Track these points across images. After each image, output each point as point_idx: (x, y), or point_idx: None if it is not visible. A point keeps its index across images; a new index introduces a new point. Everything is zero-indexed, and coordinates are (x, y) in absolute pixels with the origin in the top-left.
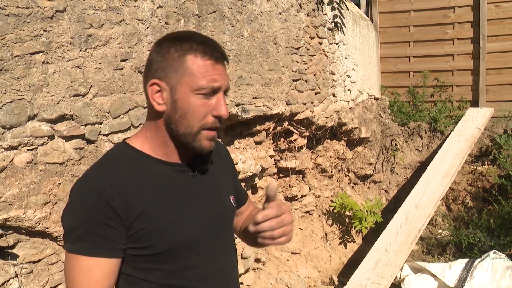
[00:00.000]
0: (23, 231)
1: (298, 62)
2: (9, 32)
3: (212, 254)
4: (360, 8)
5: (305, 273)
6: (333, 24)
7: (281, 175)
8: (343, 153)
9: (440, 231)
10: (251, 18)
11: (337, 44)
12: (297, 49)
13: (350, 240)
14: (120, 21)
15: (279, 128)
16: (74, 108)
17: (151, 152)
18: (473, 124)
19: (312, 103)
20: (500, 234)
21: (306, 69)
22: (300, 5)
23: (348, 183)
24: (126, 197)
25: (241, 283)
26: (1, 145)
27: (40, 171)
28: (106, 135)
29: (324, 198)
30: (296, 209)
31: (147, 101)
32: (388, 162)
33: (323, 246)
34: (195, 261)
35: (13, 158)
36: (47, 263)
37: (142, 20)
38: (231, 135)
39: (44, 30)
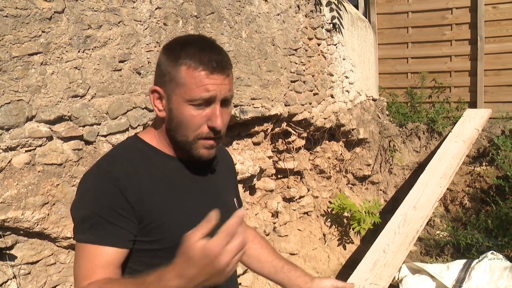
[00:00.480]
0: (21, 232)
1: (296, 63)
2: (8, 33)
3: None
4: (358, 9)
5: None
6: (331, 25)
7: (279, 176)
8: (341, 154)
9: (438, 232)
10: (250, 19)
11: (335, 45)
12: (295, 50)
13: (348, 241)
14: (119, 22)
15: (277, 129)
16: (73, 109)
17: (161, 147)
18: (470, 125)
19: (310, 104)
20: (498, 235)
21: (304, 70)
22: (298, 6)
23: (346, 184)
24: (138, 189)
25: (239, 284)
26: (0, 146)
27: (38, 172)
28: (105, 136)
29: (323, 199)
30: (294, 210)
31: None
32: (386, 163)
33: (321, 247)
34: None
35: (11, 159)
36: (45, 264)
37: (140, 21)
38: (229, 136)
39: (43, 31)
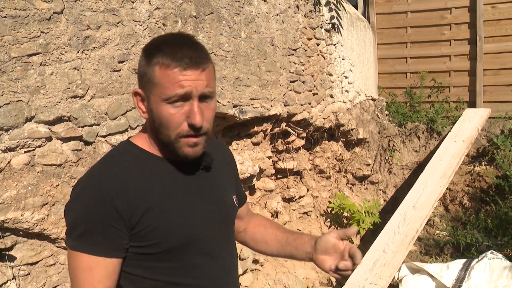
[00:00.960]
0: (21, 233)
1: (296, 63)
2: (7, 34)
3: (216, 252)
4: (357, 9)
5: (303, 274)
6: (330, 25)
7: (279, 176)
8: (340, 154)
9: (437, 231)
10: (249, 19)
11: (334, 45)
12: (295, 50)
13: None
14: (118, 23)
15: (276, 129)
16: (72, 110)
17: (153, 150)
18: (470, 125)
19: (310, 104)
20: (497, 235)
21: (303, 70)
22: (297, 6)
23: (346, 184)
24: (128, 196)
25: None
26: None
27: (38, 172)
28: (104, 136)
29: (322, 199)
30: (294, 210)
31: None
32: (385, 163)
33: None
34: (199, 259)
35: (10, 160)
36: (45, 265)
37: (139, 21)
38: (228, 136)
39: (42, 32)
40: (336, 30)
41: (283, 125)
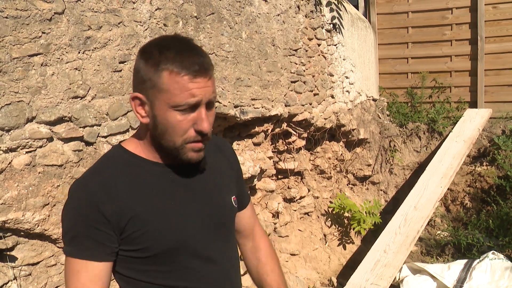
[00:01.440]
0: (22, 233)
1: (297, 64)
2: (8, 34)
3: (212, 255)
4: (358, 9)
5: (304, 275)
6: (331, 25)
7: (279, 176)
8: (341, 154)
9: (439, 232)
10: (250, 20)
11: (335, 45)
12: (296, 50)
13: (349, 241)
14: (119, 23)
15: (277, 130)
16: (73, 110)
17: (145, 155)
18: (471, 125)
19: (311, 104)
20: (498, 235)
21: (304, 71)
22: (298, 6)
23: (347, 184)
24: (117, 202)
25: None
26: (0, 147)
27: (39, 173)
28: (105, 137)
29: (323, 199)
30: (295, 210)
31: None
32: (386, 163)
33: (322, 248)
34: (193, 262)
35: (11, 160)
36: (45, 265)
37: (140, 22)
38: (229, 137)
39: (43, 32)
40: (337, 31)
41: (284, 125)
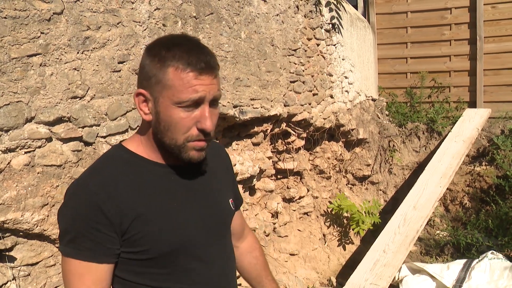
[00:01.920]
0: (21, 233)
1: (296, 64)
2: (6, 35)
3: (211, 257)
4: (357, 9)
5: (304, 275)
6: (330, 25)
7: (279, 176)
8: (341, 154)
9: (438, 231)
10: (249, 19)
11: (334, 45)
12: (295, 50)
13: (348, 241)
14: (118, 23)
15: (277, 130)
16: (72, 110)
17: (146, 155)
18: (470, 125)
19: (310, 104)
20: (498, 235)
21: (303, 71)
22: (297, 6)
23: (346, 184)
24: (118, 201)
25: (239, 284)
26: None
27: (38, 173)
28: (104, 137)
29: (322, 199)
30: (294, 210)
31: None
32: (386, 163)
33: (321, 247)
34: (193, 264)
35: (10, 161)
36: (45, 265)
37: (139, 22)
38: (229, 137)
39: (42, 33)
40: (336, 30)
41: (283, 125)
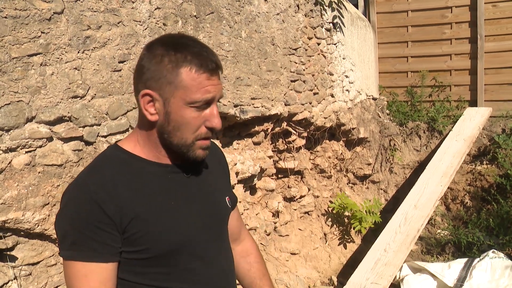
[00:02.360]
0: (22, 233)
1: (296, 63)
2: (7, 34)
3: (211, 256)
4: (358, 8)
5: (305, 274)
6: (331, 24)
7: (279, 175)
8: (341, 153)
9: (439, 230)
10: (249, 19)
11: (335, 44)
12: (295, 49)
13: (349, 240)
14: (118, 23)
15: (277, 129)
16: (72, 110)
17: (143, 155)
18: (471, 124)
19: (311, 103)
20: (499, 234)
21: (304, 70)
22: (298, 6)
23: (347, 184)
24: (118, 200)
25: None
26: (0, 147)
27: (39, 173)
28: (105, 136)
29: (323, 199)
30: (295, 209)
31: (139, 109)
32: (386, 162)
33: (322, 247)
34: (193, 263)
35: (11, 160)
36: (46, 265)
37: (140, 21)
38: (229, 136)
39: (42, 32)
40: (337, 29)
41: (284, 124)
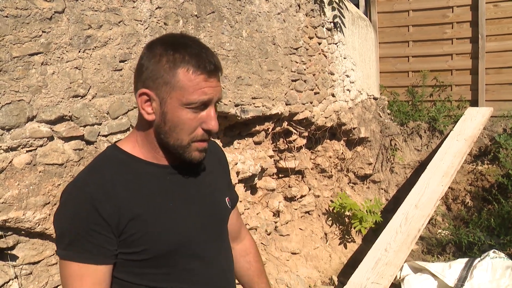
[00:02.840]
0: (23, 232)
1: (297, 62)
2: (8, 33)
3: (210, 256)
4: (358, 8)
5: (305, 273)
6: (332, 24)
7: (280, 175)
8: (342, 153)
9: (440, 230)
10: (250, 18)
11: (336, 44)
12: (296, 49)
13: (350, 240)
14: (119, 22)
15: (278, 128)
16: (73, 109)
17: (142, 155)
18: (472, 124)
19: (311, 103)
20: (500, 233)
21: (305, 69)
22: (299, 5)
23: (348, 183)
24: (115, 202)
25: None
26: (1, 146)
27: (40, 172)
28: (105, 136)
29: (324, 198)
30: (295, 209)
31: (138, 108)
32: (387, 162)
33: (323, 246)
34: (192, 264)
35: (12, 159)
36: (46, 264)
37: (141, 21)
38: (230, 136)
39: (43, 31)
40: (338, 29)
41: (285, 124)
